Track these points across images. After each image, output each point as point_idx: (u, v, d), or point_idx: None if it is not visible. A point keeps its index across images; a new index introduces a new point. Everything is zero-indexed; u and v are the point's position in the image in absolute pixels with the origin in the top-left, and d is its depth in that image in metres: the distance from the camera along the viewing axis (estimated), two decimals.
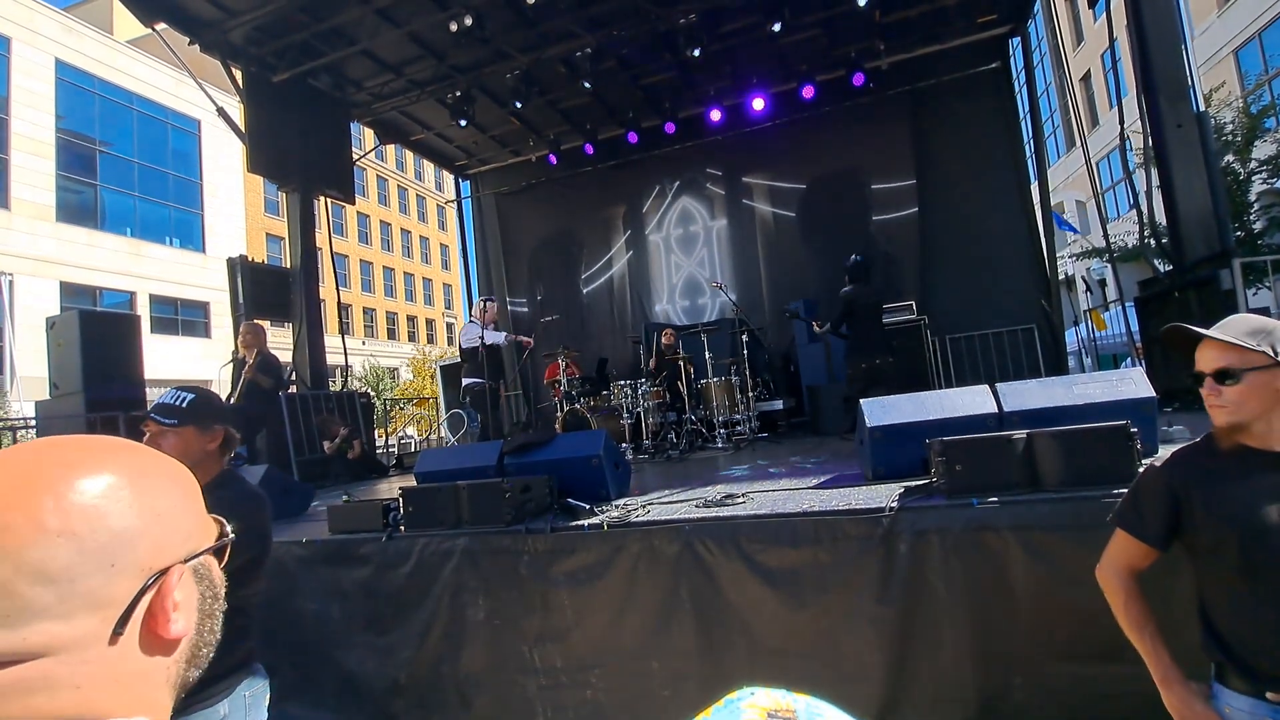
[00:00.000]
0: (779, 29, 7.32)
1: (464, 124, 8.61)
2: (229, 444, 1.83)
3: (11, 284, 18.64)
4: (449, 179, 12.08)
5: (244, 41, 7.48)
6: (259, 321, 7.18)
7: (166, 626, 0.47)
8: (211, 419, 1.78)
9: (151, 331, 20.53)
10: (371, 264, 37.99)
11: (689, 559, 2.72)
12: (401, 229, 41.19)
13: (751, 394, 7.22)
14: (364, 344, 33.74)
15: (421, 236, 43.47)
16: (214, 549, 0.55)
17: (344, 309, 12.77)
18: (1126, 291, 7.28)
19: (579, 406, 6.82)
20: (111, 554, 0.45)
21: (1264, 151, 13.33)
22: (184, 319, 24.48)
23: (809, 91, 8.57)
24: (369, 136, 13.50)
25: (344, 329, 9.76)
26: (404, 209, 41.79)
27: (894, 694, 2.41)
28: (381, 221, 39.28)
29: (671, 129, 9.47)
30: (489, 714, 3.00)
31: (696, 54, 7.51)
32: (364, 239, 37.58)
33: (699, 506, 2.97)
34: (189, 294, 24.51)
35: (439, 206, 43.84)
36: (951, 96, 8.71)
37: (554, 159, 10.26)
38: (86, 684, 0.43)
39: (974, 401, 3.10)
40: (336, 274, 9.48)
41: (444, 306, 45.00)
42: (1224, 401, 1.32)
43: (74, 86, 21.50)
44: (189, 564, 0.51)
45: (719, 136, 9.64)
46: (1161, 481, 1.43)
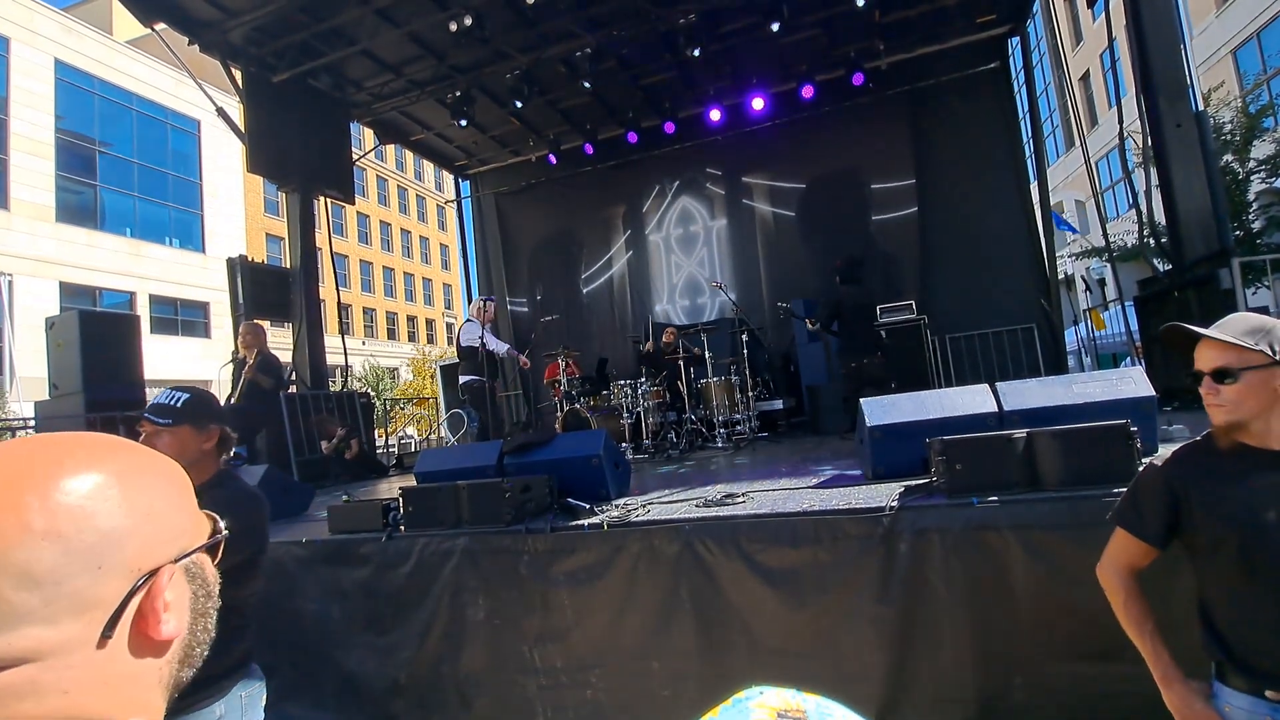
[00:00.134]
0: (778, 29, 7.32)
1: (464, 124, 8.61)
2: (225, 443, 1.82)
3: (11, 284, 18.63)
4: (449, 179, 12.07)
5: (244, 41, 7.48)
6: (259, 321, 7.18)
7: (157, 628, 0.46)
8: (207, 418, 1.78)
9: (151, 332, 20.52)
10: (371, 264, 38.00)
11: (689, 559, 2.72)
12: (401, 229, 41.19)
13: (751, 393, 7.23)
14: (364, 344, 33.73)
15: (421, 236, 43.47)
16: (206, 547, 0.53)
17: (344, 309, 12.76)
18: (1126, 291, 7.29)
19: (579, 406, 6.82)
20: (99, 555, 0.44)
21: (1263, 151, 13.34)
22: (184, 319, 24.47)
23: (808, 91, 8.57)
24: (369, 136, 13.48)
25: (344, 329, 9.75)
26: (404, 209, 41.79)
27: (894, 694, 2.41)
28: (381, 221, 39.29)
29: (671, 129, 9.46)
30: (489, 714, 3.00)
31: (696, 54, 7.52)
32: (364, 239, 37.59)
33: (699, 506, 2.97)
34: (189, 294, 24.50)
35: (439, 206, 43.82)
36: (951, 96, 8.71)
37: (554, 159, 10.25)
38: (75, 688, 0.42)
39: (974, 401, 3.10)
40: (336, 274, 9.48)
41: (444, 306, 45.00)
42: (1222, 400, 1.32)
43: (73, 87, 21.48)
44: (180, 563, 0.49)
45: (719, 136, 9.63)
46: (1161, 480, 1.43)
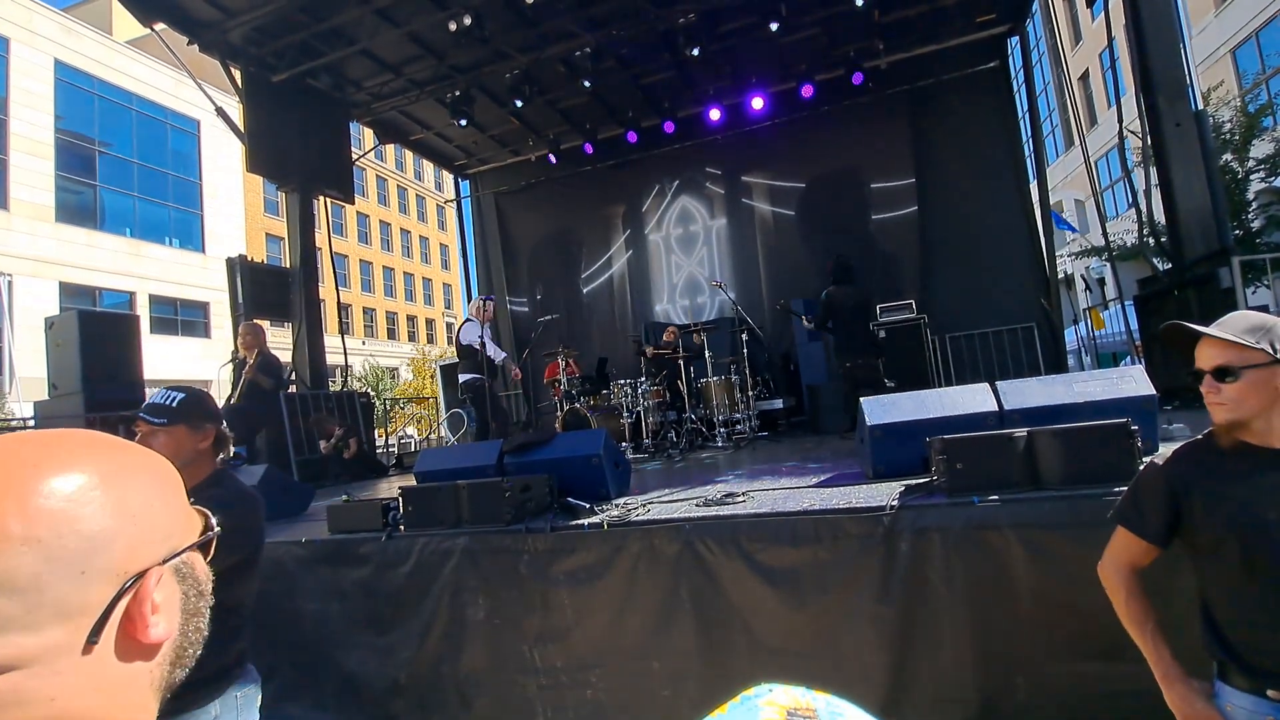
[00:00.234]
0: (778, 29, 7.32)
1: (463, 124, 8.61)
2: (221, 443, 1.81)
3: (11, 284, 18.61)
4: (449, 179, 12.08)
5: (243, 41, 7.47)
6: (259, 321, 7.17)
7: (145, 631, 0.45)
8: (202, 418, 1.77)
9: (151, 332, 20.52)
10: (371, 264, 37.97)
11: (689, 558, 2.71)
12: (401, 229, 41.17)
13: (751, 393, 7.22)
14: (364, 344, 33.71)
15: (421, 236, 43.45)
16: (197, 545, 0.52)
17: (344, 309, 12.74)
18: (1126, 290, 7.29)
19: (579, 406, 6.82)
20: (82, 560, 0.42)
21: (1262, 150, 13.34)
22: (184, 319, 24.45)
23: (808, 91, 8.58)
24: (369, 136, 13.49)
25: (344, 329, 9.74)
26: (404, 209, 41.77)
27: (895, 693, 2.41)
28: (381, 221, 39.27)
29: (671, 128, 9.46)
30: (489, 714, 2.99)
31: (696, 54, 7.52)
32: (364, 239, 37.57)
33: (699, 506, 2.97)
34: (189, 294, 24.48)
35: (439, 206, 43.80)
36: (950, 96, 8.71)
37: (554, 158, 10.25)
38: (62, 695, 0.41)
39: (974, 400, 3.10)
40: (336, 274, 9.48)
41: (444, 306, 44.99)
42: (1223, 399, 1.32)
43: (73, 87, 21.46)
44: (169, 564, 0.48)
45: (718, 136, 9.64)
46: (1162, 479, 1.43)
